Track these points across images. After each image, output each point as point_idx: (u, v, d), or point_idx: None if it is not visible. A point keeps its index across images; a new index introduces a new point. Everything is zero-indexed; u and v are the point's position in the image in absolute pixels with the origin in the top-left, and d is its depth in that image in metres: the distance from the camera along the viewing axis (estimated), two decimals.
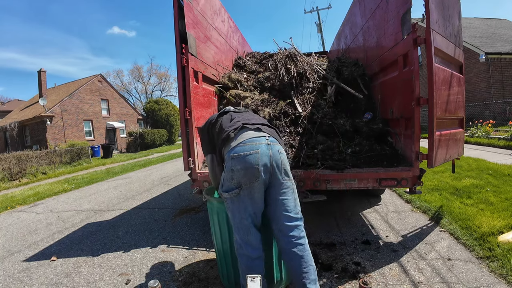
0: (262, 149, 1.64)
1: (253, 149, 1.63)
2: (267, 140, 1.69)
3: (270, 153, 1.64)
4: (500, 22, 17.81)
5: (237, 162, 1.63)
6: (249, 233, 1.67)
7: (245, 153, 1.63)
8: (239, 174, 1.62)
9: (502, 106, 11.16)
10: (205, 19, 3.43)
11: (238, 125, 1.79)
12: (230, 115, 1.97)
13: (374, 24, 3.43)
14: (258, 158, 1.61)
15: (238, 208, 1.66)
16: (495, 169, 4.97)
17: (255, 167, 1.60)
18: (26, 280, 2.53)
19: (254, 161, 1.60)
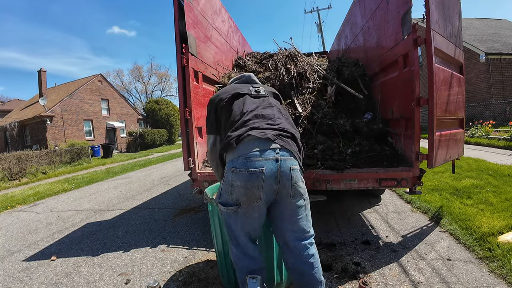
0: (269, 167, 1.35)
1: (257, 166, 1.34)
2: (277, 155, 1.37)
3: (279, 172, 1.36)
4: (501, 22, 17.81)
5: (237, 178, 1.37)
6: (246, 248, 1.50)
7: (248, 170, 1.35)
8: (238, 192, 1.38)
9: (502, 107, 11.16)
10: (205, 19, 3.43)
11: (243, 132, 1.42)
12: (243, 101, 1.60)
13: (374, 24, 3.43)
14: (262, 178, 1.34)
15: (234, 224, 1.47)
16: (495, 169, 4.97)
17: (257, 188, 1.35)
18: (26, 280, 2.53)
19: (257, 182, 1.34)
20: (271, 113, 1.54)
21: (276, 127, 1.45)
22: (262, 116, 1.50)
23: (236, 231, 1.48)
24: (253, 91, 1.68)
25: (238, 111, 1.56)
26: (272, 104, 1.62)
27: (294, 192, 1.42)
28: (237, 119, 1.51)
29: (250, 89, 1.70)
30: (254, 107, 1.55)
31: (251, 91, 1.68)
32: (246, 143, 1.40)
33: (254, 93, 1.67)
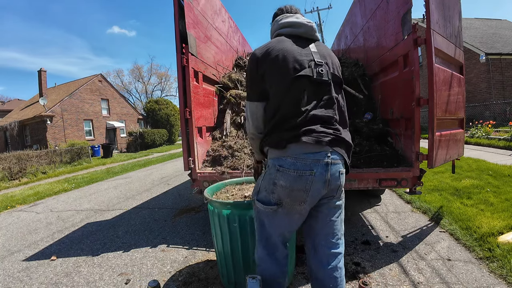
0: (319, 170, 1.24)
1: (306, 168, 1.23)
2: (328, 158, 1.25)
3: (328, 176, 1.26)
4: (501, 22, 17.80)
5: (283, 177, 1.26)
6: (276, 250, 1.44)
7: (296, 171, 1.24)
8: (282, 192, 1.28)
9: (502, 107, 11.16)
10: (205, 19, 3.43)
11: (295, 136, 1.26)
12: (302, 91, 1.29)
13: (375, 24, 3.43)
14: (311, 181, 1.24)
15: (270, 224, 1.39)
16: (495, 169, 4.97)
17: (304, 191, 1.25)
18: (26, 280, 2.53)
19: (305, 185, 1.24)
20: (330, 114, 1.32)
21: (331, 131, 1.29)
22: (320, 119, 1.29)
23: (270, 231, 1.40)
24: (315, 72, 1.29)
25: (291, 106, 1.29)
26: (332, 100, 1.34)
27: (340, 193, 1.38)
28: (289, 116, 1.29)
29: (312, 67, 1.30)
30: (313, 105, 1.29)
31: (313, 72, 1.29)
32: (297, 144, 1.27)
33: (316, 76, 1.29)
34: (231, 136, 3.44)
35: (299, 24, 1.40)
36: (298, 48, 1.34)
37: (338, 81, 1.40)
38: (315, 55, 1.34)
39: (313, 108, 1.29)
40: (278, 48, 1.33)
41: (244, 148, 3.15)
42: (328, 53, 1.41)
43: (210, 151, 3.25)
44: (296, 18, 1.43)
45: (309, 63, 1.31)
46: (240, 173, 2.75)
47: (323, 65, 1.33)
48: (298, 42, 1.37)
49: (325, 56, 1.38)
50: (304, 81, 1.29)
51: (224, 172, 2.79)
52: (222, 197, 2.24)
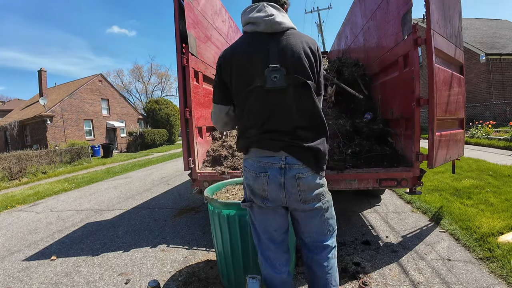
0: (273, 173, 1.31)
1: (261, 170, 1.33)
2: (282, 163, 1.31)
3: (282, 180, 1.31)
4: (501, 22, 17.80)
5: (248, 176, 1.40)
6: (267, 249, 1.47)
7: (254, 172, 1.35)
8: (249, 190, 1.40)
9: (503, 107, 11.16)
10: (205, 19, 3.43)
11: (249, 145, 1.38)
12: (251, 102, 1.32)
13: (375, 24, 3.43)
14: (266, 182, 1.32)
15: (254, 220, 1.47)
16: (495, 169, 4.97)
17: (262, 191, 1.35)
18: (26, 280, 2.53)
19: (261, 185, 1.34)
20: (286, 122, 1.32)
21: (288, 138, 1.31)
22: (275, 128, 1.32)
23: (257, 228, 1.47)
24: (269, 80, 1.27)
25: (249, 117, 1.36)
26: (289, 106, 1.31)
27: (303, 199, 1.35)
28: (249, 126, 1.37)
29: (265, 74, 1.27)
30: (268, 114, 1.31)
31: (266, 80, 1.27)
32: (256, 149, 1.37)
33: (269, 84, 1.27)
34: (231, 136, 3.44)
35: (257, 21, 1.30)
36: (255, 52, 1.30)
37: (300, 83, 1.29)
38: (272, 58, 1.27)
39: (268, 118, 1.31)
40: (237, 55, 1.33)
41: None
42: (291, 49, 1.28)
43: (210, 151, 3.25)
44: (258, 11, 1.31)
45: (264, 69, 1.27)
46: (240, 173, 2.75)
47: (278, 70, 1.26)
48: (257, 42, 1.32)
49: (285, 56, 1.27)
50: (257, 91, 1.29)
51: (224, 172, 2.79)
52: (222, 197, 2.25)
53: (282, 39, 1.30)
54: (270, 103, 1.30)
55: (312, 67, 1.32)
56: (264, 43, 1.30)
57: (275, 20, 1.29)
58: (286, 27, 1.32)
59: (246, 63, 1.31)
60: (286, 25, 1.31)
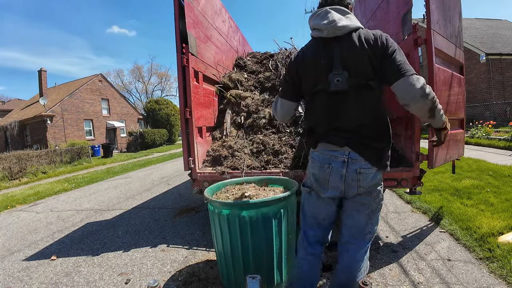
0: (336, 165, 1.43)
1: (325, 162, 1.46)
2: (345, 157, 1.42)
3: (344, 172, 1.42)
4: (501, 23, 17.80)
5: (313, 166, 1.55)
6: (310, 228, 1.63)
7: (320, 163, 1.49)
8: (312, 178, 1.56)
9: (503, 107, 11.16)
10: (205, 19, 3.43)
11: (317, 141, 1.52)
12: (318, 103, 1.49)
13: (375, 24, 3.43)
14: (328, 173, 1.46)
15: (307, 203, 1.63)
16: (495, 170, 4.97)
17: (324, 180, 1.48)
18: (26, 280, 2.53)
19: (324, 174, 1.47)
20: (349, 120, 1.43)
21: (349, 135, 1.42)
22: (339, 126, 1.44)
23: (306, 210, 1.63)
24: (332, 83, 1.40)
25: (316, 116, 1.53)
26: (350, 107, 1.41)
27: (361, 191, 1.46)
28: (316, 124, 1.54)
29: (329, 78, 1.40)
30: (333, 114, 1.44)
31: (330, 84, 1.40)
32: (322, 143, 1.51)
33: (332, 87, 1.40)
34: (231, 136, 3.44)
35: (321, 28, 1.42)
36: (320, 58, 1.43)
37: (361, 84, 1.39)
38: (335, 63, 1.39)
39: (333, 116, 1.45)
40: (305, 60, 1.50)
41: (244, 148, 3.15)
42: (353, 53, 1.37)
43: (210, 151, 3.25)
44: (321, 18, 1.43)
45: (328, 74, 1.40)
46: (240, 173, 2.75)
47: (341, 74, 1.38)
48: (322, 48, 1.44)
49: (347, 61, 1.38)
50: (322, 93, 1.45)
51: (224, 172, 2.79)
52: (222, 197, 2.25)
53: (345, 43, 1.39)
54: (334, 103, 1.43)
55: (378, 62, 1.36)
56: (328, 48, 1.42)
57: (338, 25, 1.38)
58: (351, 29, 1.39)
59: (312, 68, 1.47)
60: (350, 27, 1.39)
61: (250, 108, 3.66)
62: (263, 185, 2.52)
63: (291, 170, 2.71)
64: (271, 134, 3.36)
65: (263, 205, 1.90)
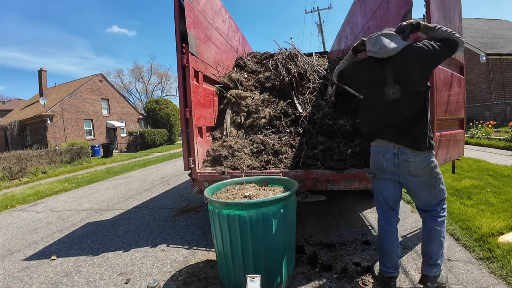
0: (389, 156, 1.86)
1: (381, 153, 1.90)
2: (396, 150, 1.83)
3: (396, 161, 1.84)
4: (501, 23, 17.79)
5: (373, 156, 1.99)
6: (384, 209, 2.01)
7: (376, 154, 1.94)
8: (372, 166, 2.01)
9: (503, 107, 11.16)
10: (205, 19, 3.43)
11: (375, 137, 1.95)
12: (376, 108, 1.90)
13: (375, 24, 3.43)
14: (384, 162, 1.89)
15: (375, 187, 2.04)
16: (495, 170, 4.97)
17: (381, 168, 1.92)
18: (26, 279, 2.53)
19: (381, 164, 1.91)
20: (399, 121, 1.80)
21: (401, 132, 1.80)
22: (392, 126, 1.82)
23: (377, 195, 2.03)
24: (388, 95, 1.79)
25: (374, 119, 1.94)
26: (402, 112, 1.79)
27: (413, 175, 1.83)
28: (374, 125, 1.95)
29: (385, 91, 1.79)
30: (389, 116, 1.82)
31: (386, 95, 1.79)
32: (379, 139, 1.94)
33: (388, 97, 1.79)
34: (231, 136, 3.44)
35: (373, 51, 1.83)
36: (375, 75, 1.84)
37: (411, 92, 1.74)
38: (389, 78, 1.77)
39: (387, 118, 1.83)
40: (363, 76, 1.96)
41: (244, 148, 3.15)
42: (404, 68, 1.74)
43: (210, 151, 3.25)
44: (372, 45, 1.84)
45: (383, 87, 1.79)
46: (240, 173, 2.75)
47: (394, 86, 1.76)
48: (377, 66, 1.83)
49: (399, 75, 1.75)
50: (379, 102, 1.84)
51: (224, 172, 2.79)
52: (222, 197, 2.25)
53: (396, 61, 1.76)
54: (389, 109, 1.82)
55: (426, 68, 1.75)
56: (382, 67, 1.80)
57: (388, 50, 1.75)
58: (400, 49, 1.75)
59: (369, 83, 1.92)
60: (399, 48, 1.75)
61: (250, 108, 3.66)
62: (263, 185, 2.52)
63: (291, 170, 2.71)
64: (271, 134, 3.36)
65: (263, 205, 1.91)
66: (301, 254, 2.54)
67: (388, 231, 2.00)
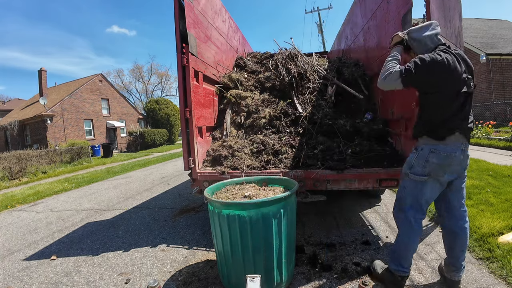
0: (458, 153, 1.81)
1: (451, 152, 1.81)
2: (463, 146, 1.83)
3: (462, 157, 1.83)
4: (501, 23, 17.79)
5: (435, 156, 1.82)
6: (418, 212, 1.93)
7: (445, 153, 1.81)
8: (432, 167, 1.83)
9: (503, 107, 11.15)
10: (205, 19, 3.43)
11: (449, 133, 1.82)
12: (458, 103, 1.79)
13: (375, 24, 3.43)
14: (452, 160, 1.82)
15: (419, 190, 1.90)
16: (495, 170, 4.96)
17: (448, 167, 1.83)
18: (26, 279, 2.53)
19: (448, 162, 1.81)
20: (467, 116, 1.84)
21: (466, 127, 1.83)
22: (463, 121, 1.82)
23: (419, 195, 1.90)
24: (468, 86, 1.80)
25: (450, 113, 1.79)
26: (469, 103, 1.84)
27: (466, 167, 1.89)
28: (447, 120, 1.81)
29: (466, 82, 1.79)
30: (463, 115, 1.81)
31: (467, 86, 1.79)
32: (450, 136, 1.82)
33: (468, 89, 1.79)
34: (231, 136, 3.44)
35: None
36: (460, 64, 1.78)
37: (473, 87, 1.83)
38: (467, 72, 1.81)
39: (463, 115, 1.81)
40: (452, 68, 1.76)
41: (244, 148, 3.15)
42: (470, 62, 1.86)
43: (210, 151, 3.25)
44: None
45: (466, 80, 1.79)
46: (240, 173, 2.75)
47: (470, 79, 1.82)
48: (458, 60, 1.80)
49: (469, 69, 1.83)
50: (462, 96, 1.79)
51: (224, 172, 2.79)
52: (222, 197, 2.25)
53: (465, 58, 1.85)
54: (464, 103, 1.80)
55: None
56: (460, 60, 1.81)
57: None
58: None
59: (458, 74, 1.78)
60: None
61: (250, 108, 3.66)
62: (263, 185, 2.52)
63: (291, 170, 2.71)
64: (271, 134, 3.36)
65: (263, 205, 1.91)
66: (301, 254, 2.54)
67: (418, 233, 1.96)
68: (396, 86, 1.86)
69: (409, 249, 1.96)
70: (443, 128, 1.83)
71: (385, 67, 1.92)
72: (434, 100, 1.82)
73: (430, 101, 1.85)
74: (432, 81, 1.77)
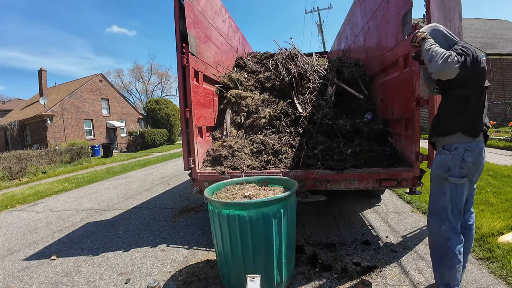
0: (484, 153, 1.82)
1: (482, 148, 1.79)
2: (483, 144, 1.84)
3: (484, 155, 1.82)
4: (501, 23, 17.79)
5: (471, 155, 1.74)
6: (458, 217, 1.82)
7: (479, 150, 1.76)
8: (468, 166, 1.75)
9: (503, 107, 11.15)
10: (205, 19, 3.43)
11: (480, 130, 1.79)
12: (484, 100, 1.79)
13: (375, 24, 3.43)
14: (483, 158, 1.81)
15: (460, 194, 1.78)
16: (495, 170, 4.97)
17: (479, 165, 1.79)
18: (26, 279, 2.53)
19: (480, 160, 1.78)
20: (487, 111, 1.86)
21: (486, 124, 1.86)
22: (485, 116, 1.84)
23: (458, 199, 1.79)
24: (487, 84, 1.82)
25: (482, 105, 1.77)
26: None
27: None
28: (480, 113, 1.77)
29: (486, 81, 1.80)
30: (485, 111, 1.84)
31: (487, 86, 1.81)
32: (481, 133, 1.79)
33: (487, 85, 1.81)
34: (231, 136, 3.44)
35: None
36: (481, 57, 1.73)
37: None
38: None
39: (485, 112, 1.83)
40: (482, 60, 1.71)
41: (244, 148, 3.15)
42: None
43: (210, 151, 3.25)
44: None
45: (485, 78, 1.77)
46: (240, 173, 2.75)
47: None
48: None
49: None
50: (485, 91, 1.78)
51: (224, 172, 2.79)
52: (222, 197, 2.25)
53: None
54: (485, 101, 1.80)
55: None
56: None
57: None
58: None
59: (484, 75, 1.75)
60: None
61: (250, 108, 3.66)
62: (263, 185, 2.52)
63: (291, 170, 2.71)
64: (271, 134, 3.36)
65: (263, 205, 1.91)
66: (301, 254, 2.54)
67: (462, 241, 1.81)
68: (452, 73, 1.59)
69: (460, 262, 1.76)
70: (478, 124, 1.76)
71: (435, 52, 1.63)
72: (473, 93, 1.69)
73: (469, 95, 1.69)
74: (478, 73, 1.66)
